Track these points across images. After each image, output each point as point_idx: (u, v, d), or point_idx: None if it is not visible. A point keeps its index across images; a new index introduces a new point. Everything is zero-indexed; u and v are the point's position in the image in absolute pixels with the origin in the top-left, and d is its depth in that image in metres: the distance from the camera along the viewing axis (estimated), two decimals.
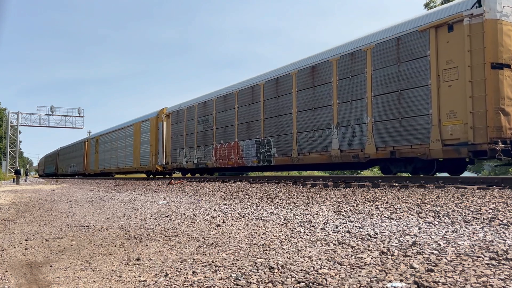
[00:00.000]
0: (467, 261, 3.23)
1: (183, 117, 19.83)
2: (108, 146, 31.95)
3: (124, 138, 28.26)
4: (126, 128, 28.02)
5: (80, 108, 63.15)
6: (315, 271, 3.27)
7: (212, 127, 17.26)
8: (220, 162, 16.51)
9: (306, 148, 12.22)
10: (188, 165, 19.07)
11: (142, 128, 24.80)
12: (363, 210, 6.00)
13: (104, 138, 33.60)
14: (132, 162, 26.38)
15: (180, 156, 19.81)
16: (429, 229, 4.48)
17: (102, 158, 33.44)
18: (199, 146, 18.18)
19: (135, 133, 25.94)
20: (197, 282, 3.22)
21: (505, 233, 4.03)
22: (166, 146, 21.21)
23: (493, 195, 5.96)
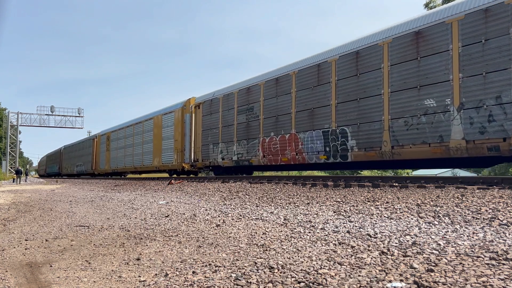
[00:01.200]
0: (467, 261, 3.23)
1: (218, 107, 16.93)
2: (122, 143, 28.72)
3: (141, 134, 25.05)
4: (144, 122, 24.75)
5: (80, 108, 63.21)
6: (315, 271, 3.27)
7: (258, 117, 14.44)
8: (269, 159, 13.75)
9: (405, 138, 9.38)
10: (226, 163, 16.24)
11: (164, 121, 21.71)
12: (363, 210, 6.00)
13: (116, 134, 30.19)
14: (151, 160, 23.30)
15: (214, 152, 17.02)
16: (429, 229, 4.48)
17: (114, 157, 30.16)
18: (239, 140, 15.35)
19: (155, 127, 22.89)
20: (197, 282, 3.22)
21: (505, 233, 4.03)
22: (196, 141, 18.52)
23: (493, 195, 5.96)
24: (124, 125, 28.85)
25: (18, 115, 60.60)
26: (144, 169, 24.85)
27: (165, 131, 21.56)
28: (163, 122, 21.95)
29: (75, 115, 62.24)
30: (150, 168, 23.70)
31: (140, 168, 25.42)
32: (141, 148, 25.06)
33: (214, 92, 17.70)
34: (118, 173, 31.81)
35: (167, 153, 21.22)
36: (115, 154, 30.12)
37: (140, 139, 25.33)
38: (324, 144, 11.65)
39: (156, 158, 22.52)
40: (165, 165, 21.44)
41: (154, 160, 22.89)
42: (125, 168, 28.12)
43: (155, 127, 22.97)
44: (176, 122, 20.36)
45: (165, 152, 21.49)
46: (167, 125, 21.45)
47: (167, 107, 22.06)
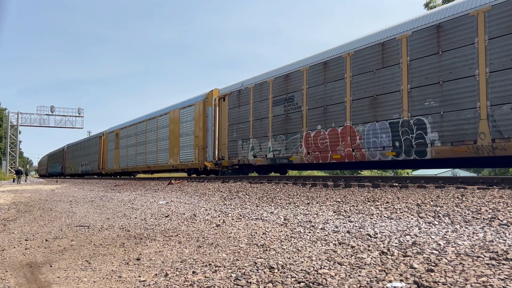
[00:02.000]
0: (467, 261, 3.23)
1: (249, 98, 14.90)
2: (132, 140, 26.49)
3: (154, 130, 22.90)
4: (158, 118, 22.58)
5: (80, 108, 63.27)
6: (315, 271, 3.27)
7: (299, 108, 12.51)
8: (316, 156, 11.79)
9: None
10: (258, 161, 14.27)
11: (183, 116, 19.71)
12: (363, 210, 6.00)
13: (126, 131, 27.87)
14: (166, 158, 21.25)
15: (244, 148, 15.01)
16: (429, 229, 4.48)
17: (124, 155, 27.93)
18: (276, 135, 13.42)
19: (172, 123, 20.90)
20: (197, 282, 3.22)
21: (505, 233, 4.03)
22: (221, 137, 16.53)
23: (493, 195, 5.96)
24: (135, 121, 26.51)
25: (18, 115, 60.62)
26: (158, 168, 22.57)
27: (184, 126, 19.59)
28: (181, 117, 19.92)
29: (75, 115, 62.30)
30: (165, 167, 21.61)
31: (154, 167, 23.12)
32: (155, 145, 22.79)
33: (242, 82, 15.60)
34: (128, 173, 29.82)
35: (185, 150, 19.24)
36: (125, 153, 27.88)
37: (153, 136, 23.08)
38: (392, 138, 9.78)
39: (173, 156, 20.54)
40: (184, 164, 19.39)
41: (170, 158, 20.87)
42: (137, 167, 25.81)
43: (171, 123, 20.92)
44: (196, 117, 18.42)
45: (183, 150, 19.49)
46: (185, 120, 19.45)
47: (185, 100, 20.14)
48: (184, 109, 19.76)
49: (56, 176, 53.79)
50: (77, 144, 43.16)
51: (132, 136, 26.64)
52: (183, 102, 20.23)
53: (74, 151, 43.56)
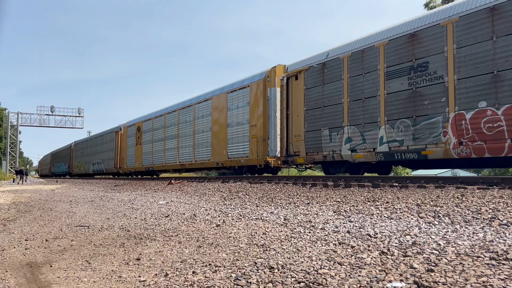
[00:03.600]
0: (467, 261, 3.23)
1: (340, 72, 11.10)
2: (160, 133, 22.69)
3: (191, 121, 19.30)
4: (196, 106, 18.88)
5: (80, 108, 63.26)
6: (315, 271, 3.27)
7: (440, 78, 8.82)
8: (478, 148, 8.20)
9: None
10: (360, 156, 10.61)
11: (232, 101, 16.19)
12: (363, 210, 6.00)
13: (151, 123, 24.09)
14: (208, 154, 17.71)
15: (333, 140, 11.32)
16: (429, 229, 4.48)
17: (148, 151, 24.17)
18: (393, 119, 9.78)
19: (216, 110, 17.28)
20: (197, 282, 3.22)
21: (505, 233, 4.03)
22: (293, 125, 12.81)
23: (493, 195, 5.96)
24: (163, 111, 22.77)
25: (18, 115, 60.64)
26: (196, 166, 18.96)
27: (233, 114, 16.05)
28: (229, 103, 16.31)
29: (75, 115, 62.33)
30: (206, 164, 18.01)
31: (190, 165, 19.36)
32: (192, 139, 19.07)
33: (328, 52, 11.85)
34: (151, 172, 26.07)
35: (236, 144, 15.65)
36: (149, 148, 24.09)
37: (189, 128, 19.41)
38: None
39: (218, 151, 16.94)
40: (234, 160, 15.79)
41: (214, 154, 17.25)
42: (166, 165, 21.93)
43: (215, 111, 17.39)
44: (252, 101, 14.81)
45: (233, 143, 15.90)
46: (236, 105, 15.91)
47: (235, 81, 16.54)
48: (234, 93, 16.03)
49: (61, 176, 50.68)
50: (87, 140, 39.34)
51: (160, 129, 22.69)
52: (232, 84, 16.58)
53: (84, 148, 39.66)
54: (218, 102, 17.28)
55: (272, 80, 14.20)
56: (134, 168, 26.49)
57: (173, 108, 21.60)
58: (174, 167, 21.37)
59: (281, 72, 13.98)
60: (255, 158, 14.57)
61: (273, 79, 14.22)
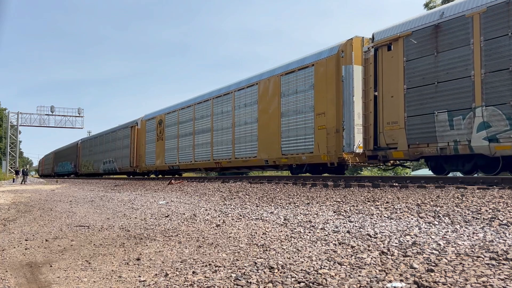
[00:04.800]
0: (467, 261, 3.23)
1: (467, 34, 8.45)
2: (188, 127, 19.77)
3: (228, 111, 16.41)
4: (236, 93, 16.03)
5: (80, 108, 63.30)
6: (315, 271, 3.27)
7: None
8: None
9: None
10: (503, 148, 7.98)
11: (287, 84, 13.29)
12: (363, 210, 6.00)
13: (176, 116, 21.05)
14: (254, 150, 14.75)
15: (454, 127, 8.66)
16: (429, 229, 4.48)
17: (172, 147, 21.10)
18: None
19: (264, 97, 14.37)
20: (197, 282, 3.22)
21: (505, 233, 4.03)
22: (384, 110, 10.09)
23: (493, 195, 5.96)
24: (191, 102, 19.83)
25: (18, 115, 60.67)
26: (238, 164, 16.04)
27: (290, 101, 13.17)
28: (283, 87, 13.46)
29: (75, 115, 62.35)
30: (251, 162, 15.12)
31: (229, 163, 16.45)
32: (231, 132, 16.23)
33: (442, 11, 9.13)
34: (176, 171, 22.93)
35: (294, 137, 12.86)
36: (173, 144, 21.12)
37: (227, 119, 16.55)
38: None
39: (268, 146, 14.03)
40: (291, 157, 12.97)
41: (261, 149, 14.35)
42: (195, 164, 19.02)
43: (263, 97, 14.45)
44: (319, 84, 12.05)
45: (289, 136, 13.07)
46: (293, 90, 13.02)
47: (292, 61, 13.67)
48: (291, 75, 13.13)
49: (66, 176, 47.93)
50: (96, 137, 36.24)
51: (187, 122, 19.85)
52: (287, 65, 13.68)
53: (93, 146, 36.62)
54: (267, 87, 14.27)
55: (348, 56, 11.33)
56: (154, 166, 23.26)
57: (205, 97, 18.49)
58: (206, 165, 18.28)
59: (359, 46, 11.40)
60: (323, 154, 11.62)
61: (349, 54, 11.33)
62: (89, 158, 37.78)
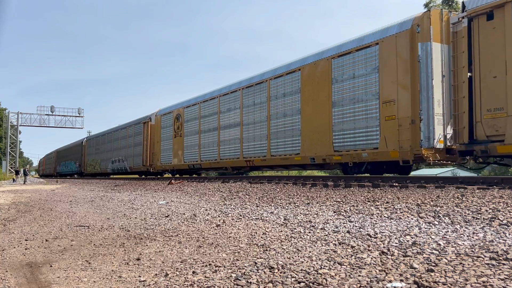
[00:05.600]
0: (467, 261, 3.23)
1: None
2: (210, 122, 17.85)
3: (261, 104, 14.50)
4: (272, 81, 14.10)
5: (80, 108, 63.26)
6: (315, 271, 3.27)
7: None
8: None
9: None
10: None
11: (340, 68, 11.42)
12: (363, 210, 6.00)
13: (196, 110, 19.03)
14: (296, 146, 12.80)
15: None
16: (429, 229, 4.48)
17: (192, 144, 19.21)
18: None
19: (309, 84, 12.43)
20: (197, 282, 3.22)
21: (505, 233, 4.03)
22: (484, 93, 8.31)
23: (493, 195, 5.96)
24: (215, 94, 17.83)
25: (18, 115, 60.66)
26: (275, 162, 13.98)
27: (344, 87, 11.27)
28: (335, 72, 11.56)
29: (75, 115, 62.33)
30: (292, 160, 13.14)
31: (263, 161, 14.41)
32: (265, 126, 14.17)
33: None
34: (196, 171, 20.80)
35: (351, 130, 11.04)
36: (193, 141, 19.15)
37: (259, 112, 14.59)
38: None
39: (314, 141, 12.12)
40: (347, 155, 11.07)
41: (305, 145, 12.41)
42: (220, 162, 17.12)
43: (307, 85, 12.52)
44: (386, 64, 10.15)
45: (344, 129, 11.26)
46: (350, 74, 11.13)
47: (345, 41, 11.70)
48: (346, 57, 11.26)
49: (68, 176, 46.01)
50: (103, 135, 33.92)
51: (210, 115, 17.91)
52: (339, 46, 11.69)
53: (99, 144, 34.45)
54: (313, 73, 12.34)
55: (425, 31, 9.52)
56: (171, 165, 21.21)
57: (233, 87, 16.50)
58: (234, 164, 16.22)
59: (437, 20, 9.58)
60: (393, 151, 9.85)
61: (427, 29, 9.50)
62: (95, 157, 35.73)
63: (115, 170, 30.24)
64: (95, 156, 35.67)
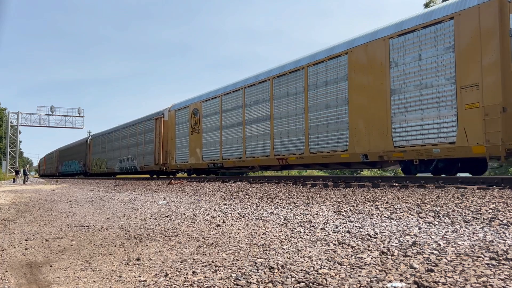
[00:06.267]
0: (467, 261, 3.23)
1: None
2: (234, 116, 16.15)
3: (297, 94, 12.82)
4: (310, 68, 12.37)
5: (80, 108, 63.33)
6: (315, 271, 3.27)
7: None
8: None
9: None
10: None
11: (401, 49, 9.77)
12: (363, 210, 6.00)
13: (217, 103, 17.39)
14: (342, 141, 11.09)
15: None
16: (429, 229, 4.48)
17: (212, 141, 17.54)
18: None
19: (360, 70, 10.77)
20: (197, 282, 3.22)
21: (505, 233, 4.03)
22: None
23: (493, 195, 5.96)
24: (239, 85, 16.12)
25: (18, 115, 60.67)
26: (315, 160, 12.13)
27: (407, 71, 9.60)
28: (393, 54, 9.90)
29: (75, 115, 62.40)
30: (337, 158, 11.37)
31: (299, 159, 12.64)
32: (302, 119, 12.63)
33: None
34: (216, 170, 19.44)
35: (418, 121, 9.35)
36: (214, 137, 17.49)
37: (294, 103, 12.92)
38: None
39: (367, 135, 10.43)
40: (412, 151, 9.38)
41: (354, 141, 10.70)
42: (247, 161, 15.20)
43: (357, 71, 10.83)
44: (465, 41, 8.66)
45: (406, 120, 9.54)
46: (414, 56, 9.45)
47: (407, 18, 9.99)
48: (408, 36, 9.62)
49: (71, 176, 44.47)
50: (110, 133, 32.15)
51: (234, 109, 16.30)
52: (400, 23, 10.03)
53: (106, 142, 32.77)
54: (363, 56, 10.71)
55: None
56: (188, 164, 19.59)
57: (260, 77, 14.88)
58: (264, 162, 14.43)
59: None
60: (476, 145, 8.37)
61: None
62: (101, 156, 33.76)
63: (123, 170, 28.65)
64: (101, 155, 33.94)
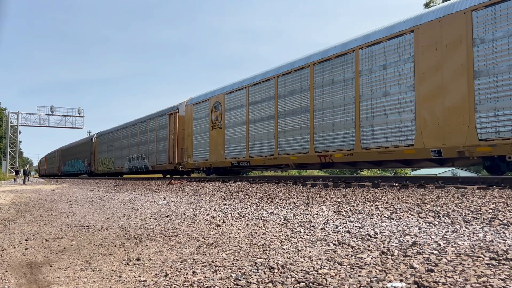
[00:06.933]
0: (467, 261, 3.23)
1: None
2: (264, 109, 14.27)
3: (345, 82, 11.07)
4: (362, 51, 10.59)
5: (80, 108, 63.41)
6: (315, 271, 3.27)
7: None
8: None
9: None
10: None
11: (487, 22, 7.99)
12: (363, 210, 6.00)
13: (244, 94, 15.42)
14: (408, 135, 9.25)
15: None
16: (429, 229, 4.48)
17: (237, 137, 15.66)
18: None
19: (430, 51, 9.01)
20: (197, 282, 3.22)
21: (505, 233, 4.03)
22: None
23: (493, 195, 5.96)
24: (270, 74, 14.24)
25: (18, 115, 60.69)
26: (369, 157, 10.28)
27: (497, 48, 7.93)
28: (478, 28, 8.29)
29: (75, 115, 62.48)
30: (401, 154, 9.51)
31: (348, 156, 10.78)
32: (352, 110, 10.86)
33: None
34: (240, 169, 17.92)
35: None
36: (239, 133, 15.60)
37: (341, 92, 11.18)
38: None
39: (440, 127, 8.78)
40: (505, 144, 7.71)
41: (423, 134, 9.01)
42: (279, 159, 13.36)
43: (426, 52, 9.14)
44: None
45: (496, 108, 7.94)
46: (508, 30, 7.75)
47: None
48: (499, 5, 7.88)
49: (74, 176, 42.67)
50: (118, 130, 30.21)
51: (265, 101, 14.29)
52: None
53: (113, 140, 30.90)
54: (436, 34, 8.97)
55: None
56: (208, 163, 17.72)
57: (296, 64, 13.01)
58: (301, 160, 12.54)
59: None
60: None
61: None
62: (108, 155, 31.71)
63: (133, 169, 26.65)
64: (108, 154, 31.89)
